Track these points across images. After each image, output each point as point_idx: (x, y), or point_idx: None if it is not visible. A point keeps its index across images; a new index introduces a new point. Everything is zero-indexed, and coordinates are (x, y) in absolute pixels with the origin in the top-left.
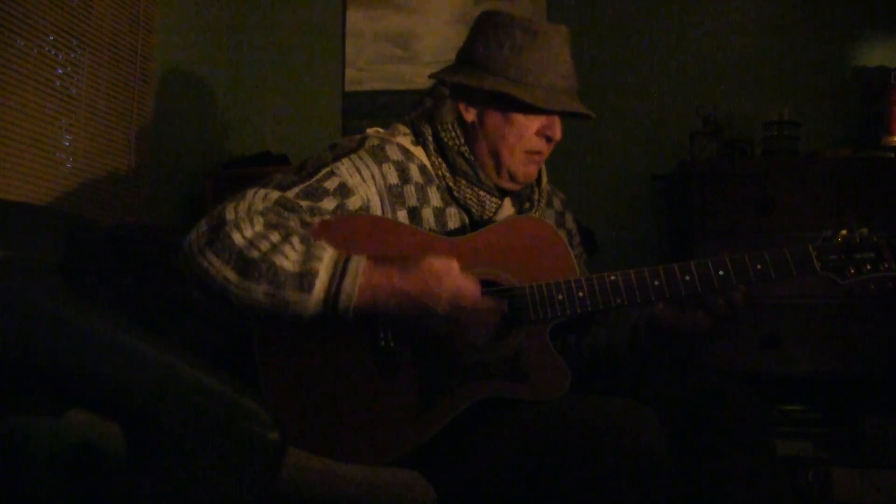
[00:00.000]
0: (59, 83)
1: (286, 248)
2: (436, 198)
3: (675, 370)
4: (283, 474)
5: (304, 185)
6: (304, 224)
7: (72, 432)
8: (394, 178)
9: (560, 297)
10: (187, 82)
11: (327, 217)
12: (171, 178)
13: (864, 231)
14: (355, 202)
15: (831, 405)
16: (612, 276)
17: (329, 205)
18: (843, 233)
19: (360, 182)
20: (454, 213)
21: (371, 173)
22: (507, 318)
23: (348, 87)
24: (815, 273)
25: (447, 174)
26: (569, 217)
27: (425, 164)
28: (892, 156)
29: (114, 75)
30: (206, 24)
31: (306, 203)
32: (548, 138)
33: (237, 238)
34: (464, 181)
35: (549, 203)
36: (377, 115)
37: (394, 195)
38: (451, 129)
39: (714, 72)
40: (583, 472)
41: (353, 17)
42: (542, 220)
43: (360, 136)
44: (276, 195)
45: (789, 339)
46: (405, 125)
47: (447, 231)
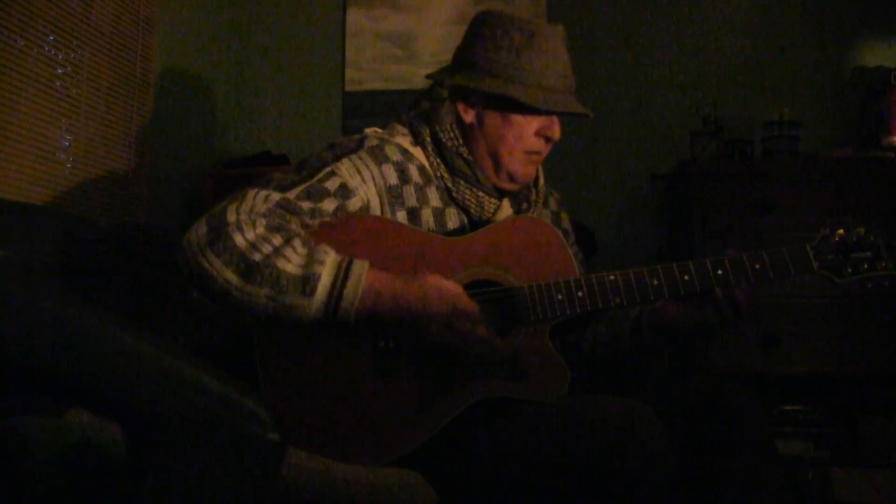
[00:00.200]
0: (59, 83)
1: (288, 252)
2: (435, 198)
3: (674, 367)
4: (283, 474)
5: (305, 185)
6: (304, 226)
7: (72, 432)
8: (393, 179)
9: (559, 296)
10: (187, 82)
11: (328, 218)
12: (171, 178)
13: (860, 230)
14: (355, 203)
15: (831, 405)
16: (612, 276)
17: (329, 206)
18: (840, 232)
19: (361, 183)
20: (453, 213)
21: (371, 174)
22: (507, 318)
23: (348, 87)
24: (812, 272)
25: (446, 175)
26: (564, 217)
27: (424, 165)
28: (892, 156)
29: (114, 75)
30: (206, 24)
31: (307, 204)
32: (547, 138)
33: (239, 240)
34: (462, 182)
35: (546, 203)
36: (377, 115)
37: (393, 196)
38: (449, 129)
39: (714, 72)
40: (583, 471)
41: (353, 17)
42: (543, 220)
43: (358, 136)
44: (277, 197)
45: (789, 339)
46: (403, 125)
47: (446, 231)
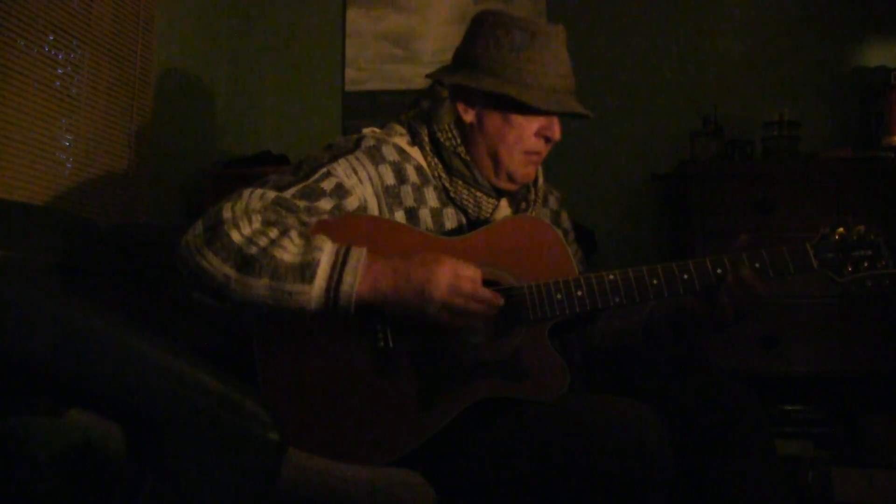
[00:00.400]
0: (59, 83)
1: (285, 242)
2: (433, 198)
3: (674, 367)
4: (283, 474)
5: (301, 185)
6: (301, 223)
7: (72, 432)
8: (390, 179)
9: (559, 296)
10: (187, 82)
11: (324, 216)
12: (171, 178)
13: (860, 229)
14: (352, 202)
15: (831, 405)
16: (611, 276)
17: (326, 205)
18: (841, 230)
19: (357, 183)
20: (451, 213)
21: (368, 174)
22: (507, 318)
23: (348, 87)
24: (812, 271)
25: (443, 175)
26: (564, 215)
27: (422, 165)
28: (892, 156)
29: (114, 75)
30: (206, 24)
31: (303, 203)
32: (547, 139)
33: (235, 236)
34: (460, 182)
35: (545, 202)
36: (377, 115)
37: (391, 196)
38: (447, 129)
39: (714, 72)
40: (583, 471)
41: (353, 17)
42: (541, 219)
43: (356, 137)
44: (272, 195)
45: (789, 339)
46: (401, 125)
47: (444, 231)
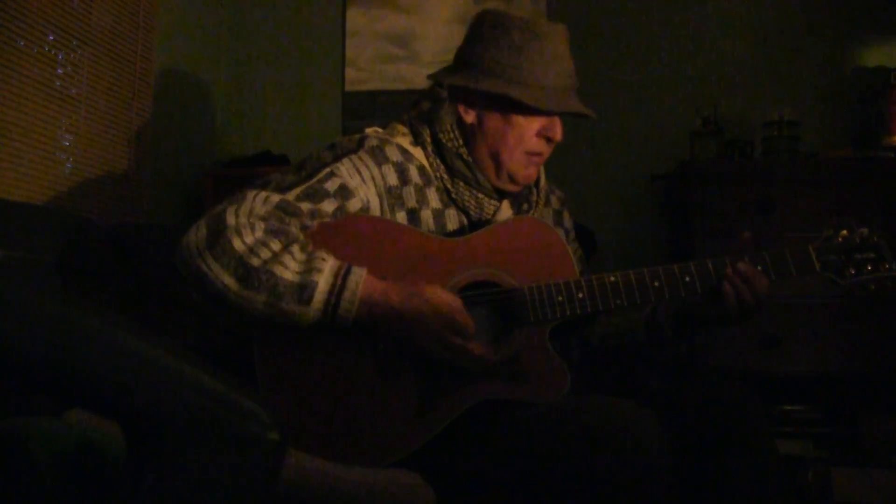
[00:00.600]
0: (59, 83)
1: (286, 258)
2: (435, 199)
3: (674, 367)
4: (283, 474)
5: (305, 186)
6: (304, 227)
7: (72, 432)
8: (393, 180)
9: (559, 298)
10: (187, 82)
11: (327, 219)
12: (171, 178)
13: (864, 231)
14: (355, 204)
15: (831, 405)
16: (612, 277)
17: (329, 207)
18: (844, 233)
19: (361, 183)
20: (453, 214)
21: (371, 174)
22: (507, 320)
23: (348, 87)
24: (814, 273)
25: (445, 175)
26: (566, 215)
27: (424, 165)
28: (892, 156)
29: (114, 75)
30: (206, 24)
31: (306, 206)
32: (548, 139)
33: (238, 244)
34: (462, 183)
35: (547, 202)
36: (377, 115)
37: (393, 196)
38: (449, 130)
39: (714, 72)
40: (583, 473)
41: (353, 17)
42: (542, 220)
43: (358, 137)
44: (276, 199)
45: (789, 339)
46: (404, 125)
47: (446, 232)
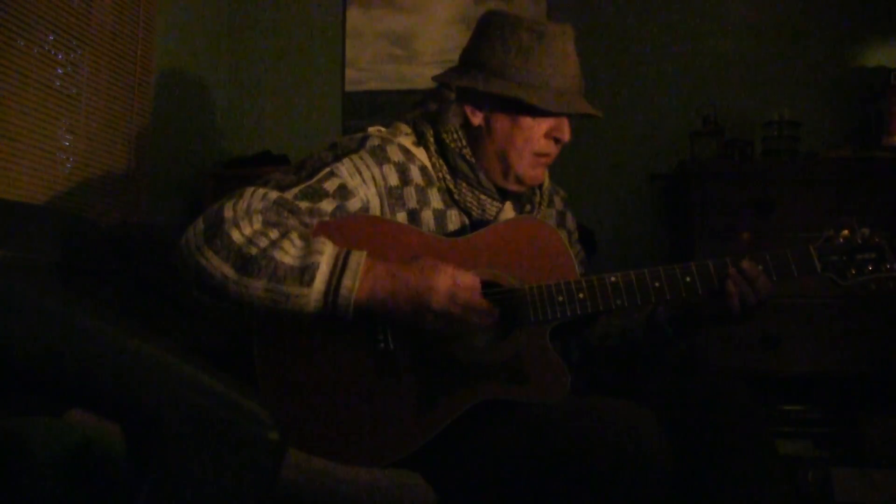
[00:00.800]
0: (59, 83)
1: (285, 244)
2: (436, 199)
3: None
4: (283, 474)
5: (304, 185)
6: (302, 224)
7: (72, 432)
8: (394, 180)
9: (560, 298)
10: (187, 82)
11: (326, 218)
12: (171, 178)
13: (865, 231)
14: (354, 204)
15: (831, 405)
16: (613, 278)
17: (328, 206)
18: (845, 233)
19: (361, 183)
20: (455, 215)
21: (372, 174)
22: (508, 320)
23: (348, 87)
24: (815, 274)
25: (448, 176)
26: (569, 216)
27: (426, 166)
28: (892, 156)
29: (114, 75)
30: (206, 24)
31: (305, 204)
32: (556, 140)
33: (236, 236)
34: (464, 184)
35: (550, 202)
36: (377, 115)
37: (394, 197)
38: (453, 131)
39: (714, 72)
40: (583, 473)
41: (353, 17)
42: (543, 220)
43: (360, 136)
44: (274, 195)
45: (789, 339)
46: (407, 125)
47: (447, 233)
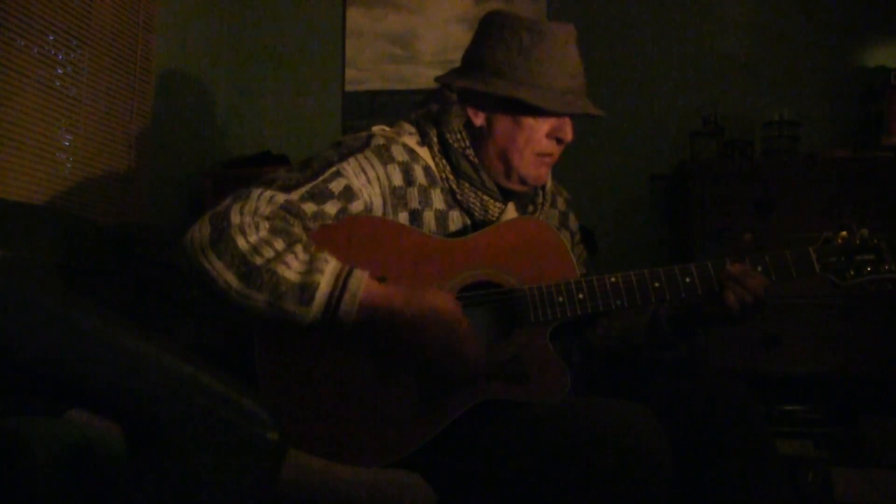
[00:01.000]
0: (59, 83)
1: (289, 258)
2: (439, 200)
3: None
4: (283, 474)
5: (309, 185)
6: (306, 228)
7: (72, 432)
8: (398, 180)
9: (560, 298)
10: (187, 82)
11: (330, 221)
12: (171, 178)
13: (864, 232)
14: (358, 206)
15: (831, 405)
16: (613, 278)
17: (332, 209)
18: (844, 234)
19: (366, 183)
20: (457, 216)
21: (376, 174)
22: (508, 320)
23: (348, 87)
24: (814, 275)
25: (451, 176)
26: (572, 217)
27: (430, 166)
28: (892, 156)
29: (114, 75)
30: (206, 24)
31: (310, 207)
32: (558, 140)
33: (241, 242)
34: (467, 184)
35: (553, 203)
36: (377, 115)
37: (397, 197)
38: (457, 131)
39: (714, 72)
40: (583, 474)
41: (353, 16)
42: (544, 221)
43: (365, 135)
44: (281, 198)
45: (789, 339)
46: (411, 124)
47: (448, 234)
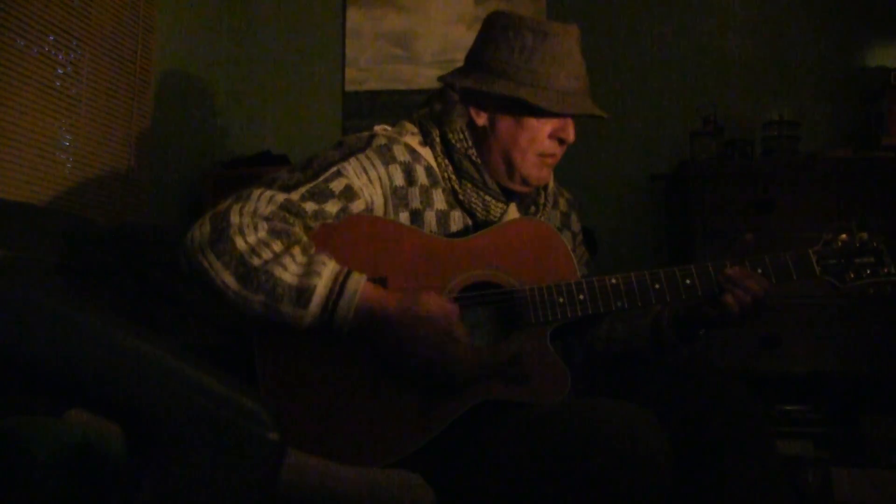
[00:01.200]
0: (59, 83)
1: (287, 260)
2: (440, 200)
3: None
4: (283, 474)
5: (310, 185)
6: (307, 227)
7: (72, 432)
8: (399, 180)
9: (560, 299)
10: (187, 82)
11: (330, 220)
12: (171, 178)
13: (864, 235)
14: (359, 205)
15: (831, 405)
16: (613, 279)
17: (333, 208)
18: (843, 237)
19: (367, 183)
20: (458, 216)
21: (378, 174)
22: (508, 321)
23: (348, 87)
24: (814, 277)
25: (453, 176)
26: (574, 217)
27: (432, 166)
28: (892, 156)
29: (114, 75)
30: (206, 24)
31: (310, 206)
32: (560, 140)
33: (240, 243)
34: (470, 185)
35: (555, 204)
36: (377, 115)
37: (398, 197)
38: (459, 131)
39: (714, 72)
40: (583, 474)
41: (353, 17)
42: (544, 221)
43: (367, 134)
44: (281, 198)
45: (789, 339)
46: (413, 124)
47: (449, 235)
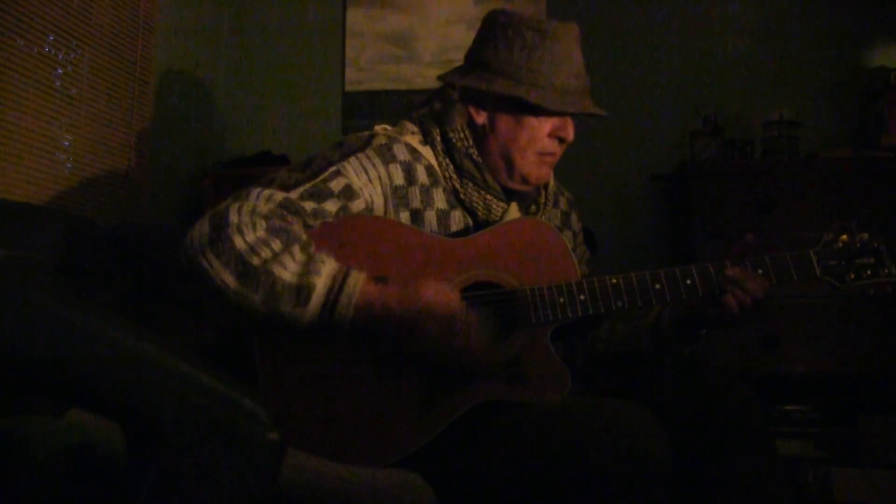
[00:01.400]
0: (59, 83)
1: (286, 258)
2: (441, 200)
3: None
4: (283, 474)
5: (309, 184)
6: (306, 226)
7: (72, 432)
8: (400, 180)
9: (561, 299)
10: (187, 82)
11: (330, 219)
12: (171, 178)
13: (864, 236)
14: (359, 205)
15: (831, 405)
16: (614, 280)
17: (332, 207)
18: (844, 238)
19: (367, 182)
20: (459, 216)
21: (378, 174)
22: (508, 321)
23: (348, 87)
24: (815, 278)
25: (454, 176)
26: (574, 217)
27: (432, 165)
28: (892, 156)
29: (114, 75)
30: (206, 24)
31: (310, 205)
32: (560, 139)
33: (239, 242)
34: (470, 184)
35: (556, 203)
36: (377, 115)
37: (398, 196)
38: (459, 130)
39: (714, 72)
40: (583, 474)
41: (353, 17)
42: (545, 221)
43: (367, 134)
44: (280, 197)
45: (789, 339)
46: (413, 123)
47: (449, 234)
